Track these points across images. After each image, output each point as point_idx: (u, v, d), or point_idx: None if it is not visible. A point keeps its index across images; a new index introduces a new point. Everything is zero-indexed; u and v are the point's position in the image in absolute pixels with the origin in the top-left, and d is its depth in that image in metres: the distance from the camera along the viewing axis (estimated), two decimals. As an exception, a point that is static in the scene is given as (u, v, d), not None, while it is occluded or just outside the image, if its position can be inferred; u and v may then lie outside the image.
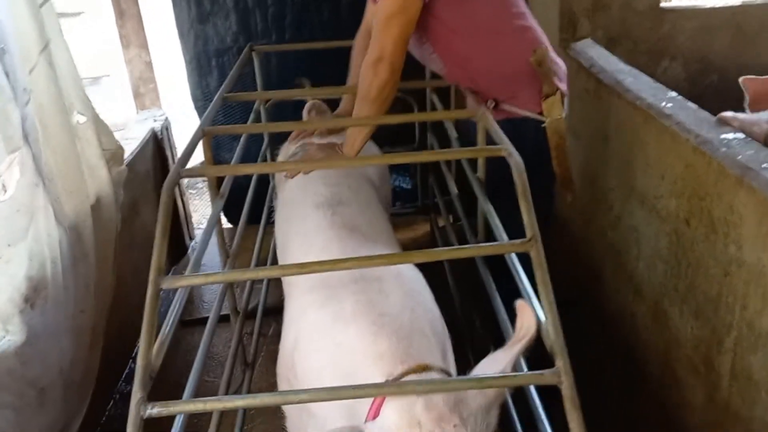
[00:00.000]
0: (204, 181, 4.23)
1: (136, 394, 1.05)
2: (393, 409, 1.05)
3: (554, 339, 1.09)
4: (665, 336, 1.87)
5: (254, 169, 1.57)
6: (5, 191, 1.70)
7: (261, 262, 2.31)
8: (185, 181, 3.52)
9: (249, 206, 2.15)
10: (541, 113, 1.77)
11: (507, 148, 1.36)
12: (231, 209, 2.28)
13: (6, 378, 1.57)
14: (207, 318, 1.66)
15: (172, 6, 2.94)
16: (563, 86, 1.81)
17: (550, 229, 1.95)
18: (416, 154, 2.28)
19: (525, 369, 1.28)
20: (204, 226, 3.45)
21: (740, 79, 2.15)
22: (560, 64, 1.86)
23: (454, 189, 2.14)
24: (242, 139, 2.07)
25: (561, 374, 1.05)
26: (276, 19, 2.98)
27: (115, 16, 2.87)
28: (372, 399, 1.09)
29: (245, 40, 2.96)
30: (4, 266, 1.61)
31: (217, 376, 2.40)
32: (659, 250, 1.87)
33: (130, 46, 2.92)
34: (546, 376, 1.05)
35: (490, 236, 1.74)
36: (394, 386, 1.08)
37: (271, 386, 2.04)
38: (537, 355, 1.13)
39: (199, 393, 1.24)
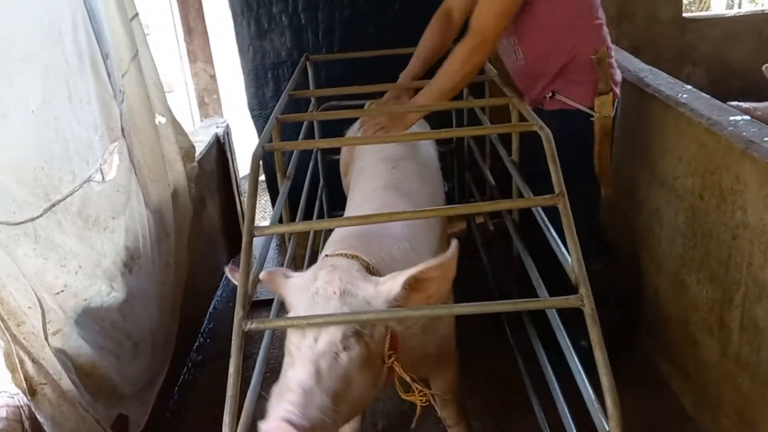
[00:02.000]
0: (261, 184, 4.54)
1: (238, 313, 1.31)
2: (312, 268, 1.39)
3: (578, 272, 1.32)
4: (684, 303, 2.06)
5: (324, 144, 1.82)
6: (106, 175, 2.00)
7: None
8: (244, 184, 3.81)
9: (304, 204, 2.40)
10: (592, 108, 1.95)
11: (537, 122, 1.60)
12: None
13: (110, 329, 1.85)
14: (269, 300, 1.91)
15: (233, 24, 3.26)
16: (617, 90, 2.01)
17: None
18: (455, 130, 2.51)
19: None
20: (259, 224, 3.76)
21: (764, 67, 2.34)
22: (618, 71, 2.06)
23: (490, 179, 2.37)
24: (303, 129, 2.34)
25: (584, 298, 1.27)
26: (326, 34, 3.29)
27: (183, 33, 3.20)
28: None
29: (298, 54, 3.26)
30: (110, 235, 1.89)
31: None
32: (678, 226, 2.07)
33: (196, 61, 3.25)
34: (571, 299, 1.28)
35: (523, 214, 1.99)
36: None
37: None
38: None
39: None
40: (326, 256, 1.45)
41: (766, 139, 1.64)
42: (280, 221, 1.89)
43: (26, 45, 1.57)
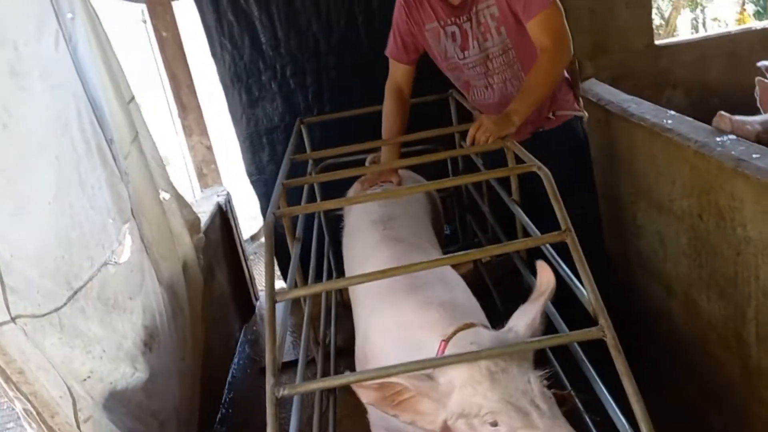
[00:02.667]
0: (262, 242, 4.57)
1: (269, 380, 1.33)
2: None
3: (595, 304, 1.35)
4: (699, 322, 2.09)
5: (332, 204, 1.87)
6: (120, 256, 2.04)
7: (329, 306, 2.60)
8: (248, 248, 3.85)
9: (314, 263, 2.44)
10: (580, 110, 2.33)
11: (535, 163, 1.67)
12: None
13: (137, 410, 1.86)
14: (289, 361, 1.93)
15: (225, 95, 3.36)
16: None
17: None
18: (454, 179, 2.59)
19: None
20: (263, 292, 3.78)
21: (757, 80, 2.44)
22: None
23: (492, 219, 2.43)
24: (305, 191, 2.41)
25: (604, 329, 1.31)
26: (315, 96, 3.39)
27: (177, 110, 3.30)
28: (434, 353, 1.35)
29: (291, 117, 3.35)
30: (129, 315, 1.92)
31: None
32: (681, 246, 2.12)
33: (192, 135, 3.34)
34: (593, 332, 1.31)
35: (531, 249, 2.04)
36: (456, 357, 1.29)
37: (355, 408, 2.28)
38: None
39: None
40: (446, 341, 1.39)
41: (754, 156, 1.71)
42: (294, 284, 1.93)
43: (39, 138, 1.63)
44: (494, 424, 1.22)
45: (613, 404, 1.35)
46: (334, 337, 2.57)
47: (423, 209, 2.23)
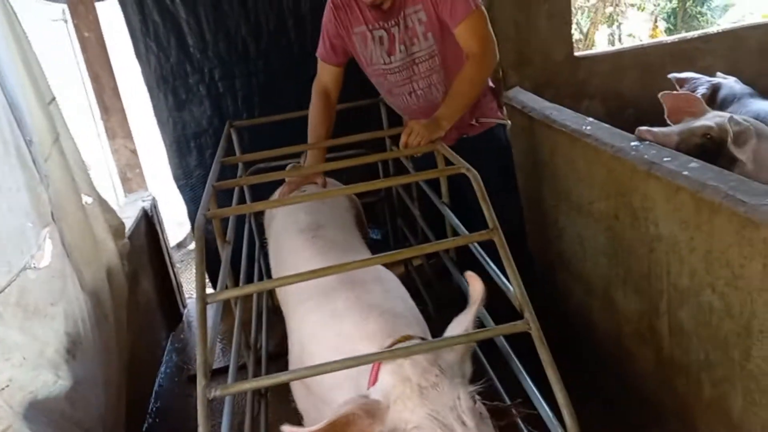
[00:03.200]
0: (192, 254, 4.48)
1: (201, 382, 1.31)
2: (387, 373, 1.33)
3: (521, 298, 1.42)
4: (616, 318, 2.21)
5: (262, 206, 1.87)
6: (40, 261, 1.96)
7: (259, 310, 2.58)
8: (174, 255, 3.77)
9: (245, 266, 2.42)
10: (503, 118, 2.42)
11: (464, 165, 1.72)
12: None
13: (60, 419, 1.78)
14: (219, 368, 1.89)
15: (150, 98, 3.28)
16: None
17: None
18: (385, 180, 2.59)
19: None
20: (194, 296, 3.71)
21: (659, 95, 2.58)
22: None
23: (422, 222, 2.48)
24: (235, 194, 2.39)
25: (530, 322, 1.37)
26: (245, 101, 3.36)
27: (100, 112, 3.19)
28: (370, 371, 1.36)
29: (219, 121, 3.32)
30: (50, 322, 1.85)
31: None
32: (599, 246, 2.24)
33: (116, 138, 3.24)
34: (518, 325, 1.37)
35: (460, 250, 2.10)
36: (387, 352, 1.35)
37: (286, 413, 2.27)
38: None
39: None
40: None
41: (665, 159, 1.82)
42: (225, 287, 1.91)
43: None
44: None
45: (538, 394, 1.40)
46: (266, 342, 2.55)
47: (349, 214, 2.24)
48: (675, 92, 2.55)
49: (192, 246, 5.05)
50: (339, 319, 1.58)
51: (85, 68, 3.17)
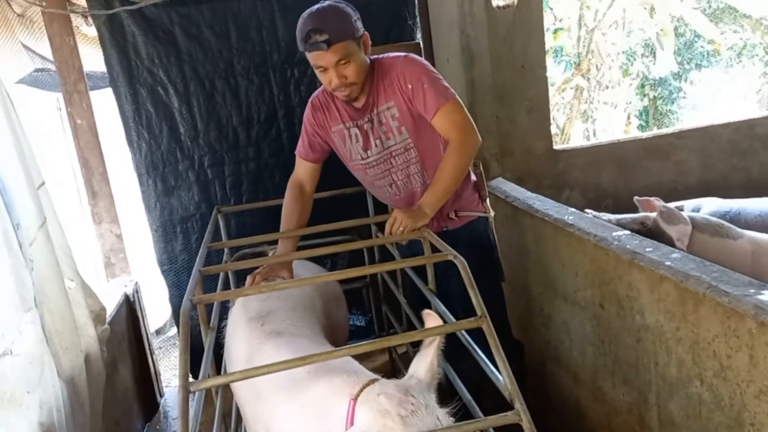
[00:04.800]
0: (170, 340, 4.38)
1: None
2: (363, 411, 1.36)
3: (511, 388, 1.41)
4: (605, 408, 2.18)
5: (251, 291, 1.86)
6: (19, 347, 1.91)
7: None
8: (154, 341, 3.68)
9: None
10: (485, 212, 2.42)
11: (451, 252, 1.75)
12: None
13: None
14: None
15: (139, 184, 3.32)
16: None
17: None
18: (371, 267, 2.60)
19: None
20: (172, 385, 3.60)
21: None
22: None
23: (407, 309, 2.47)
24: (220, 280, 2.38)
25: (521, 413, 1.35)
26: (233, 186, 3.42)
27: (87, 197, 3.21)
28: (344, 417, 1.38)
29: (207, 207, 3.36)
30: (25, 411, 1.78)
31: None
32: (586, 335, 2.24)
33: (102, 222, 3.24)
34: (509, 416, 1.35)
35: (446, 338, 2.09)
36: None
37: None
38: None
39: None
40: (354, 398, 1.43)
41: (647, 249, 1.87)
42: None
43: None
44: None
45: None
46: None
47: (308, 300, 2.18)
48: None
49: (171, 332, 4.95)
50: (303, 389, 1.57)
51: (76, 154, 3.21)
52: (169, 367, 3.90)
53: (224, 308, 2.55)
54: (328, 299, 2.32)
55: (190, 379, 1.43)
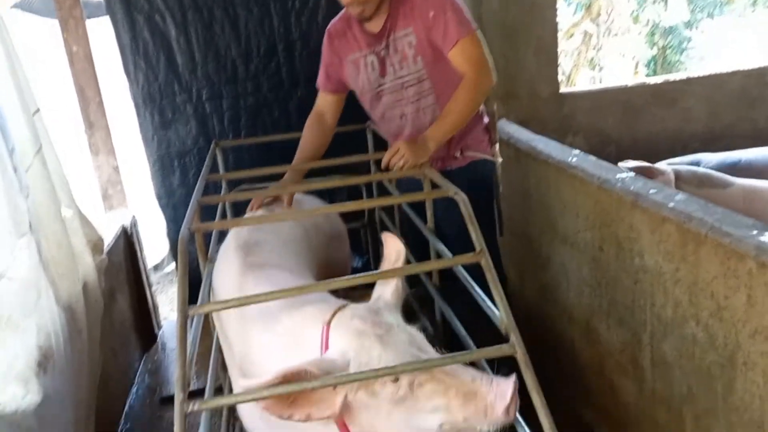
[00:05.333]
0: (168, 276, 4.41)
1: (179, 396, 1.27)
2: (338, 334, 1.38)
3: (507, 322, 1.40)
4: (598, 350, 2.20)
5: (250, 222, 1.84)
6: (15, 272, 1.90)
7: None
8: (151, 277, 3.70)
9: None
10: (494, 156, 2.31)
11: (452, 188, 1.72)
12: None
13: (26, 435, 1.72)
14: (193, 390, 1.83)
15: (136, 116, 3.26)
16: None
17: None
18: (369, 200, 2.57)
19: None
20: (170, 318, 3.63)
21: (619, 164, 2.62)
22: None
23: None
24: (218, 212, 2.36)
25: (515, 346, 1.36)
26: (232, 121, 3.36)
27: (84, 127, 3.16)
28: (319, 342, 1.40)
29: (205, 141, 3.31)
30: (21, 335, 1.79)
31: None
32: (583, 277, 2.24)
33: (98, 154, 3.21)
34: (504, 348, 1.35)
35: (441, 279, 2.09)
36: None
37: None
38: None
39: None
40: (327, 324, 1.44)
41: (651, 191, 1.84)
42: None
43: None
44: (396, 380, 1.29)
45: (521, 420, 1.38)
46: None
47: (302, 235, 2.13)
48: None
49: (169, 269, 4.97)
50: (275, 320, 1.56)
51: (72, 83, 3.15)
52: (167, 302, 3.93)
53: (222, 239, 2.55)
54: (328, 236, 2.30)
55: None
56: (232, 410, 2.21)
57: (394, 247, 1.57)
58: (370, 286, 1.60)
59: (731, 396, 1.55)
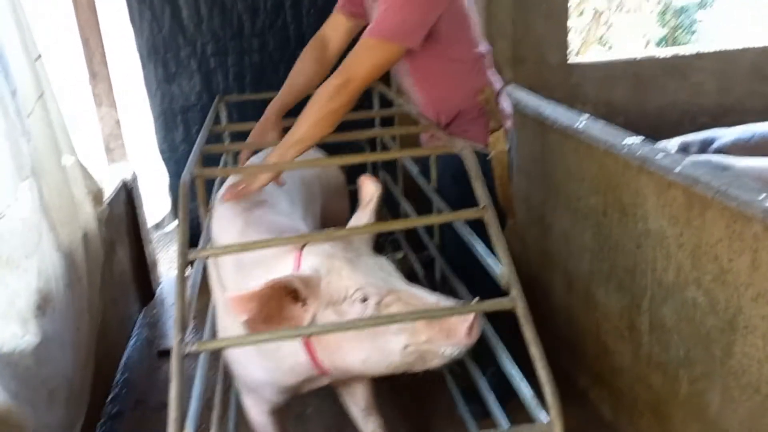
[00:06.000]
0: (168, 236, 4.41)
1: (177, 336, 1.27)
2: (311, 255, 1.43)
3: (509, 276, 1.40)
4: (596, 315, 2.20)
5: (254, 170, 1.81)
6: (17, 213, 1.89)
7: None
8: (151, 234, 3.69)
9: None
10: (487, 146, 1.95)
11: (458, 144, 1.70)
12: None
13: (25, 374, 1.72)
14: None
15: (141, 68, 3.22)
16: (508, 122, 2.01)
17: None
18: (374, 154, 2.52)
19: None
20: (170, 275, 3.63)
21: None
22: (508, 103, 2.06)
23: (408, 208, 2.45)
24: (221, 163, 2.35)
25: (516, 300, 1.35)
26: (236, 78, 3.32)
27: (89, 78, 3.13)
28: (291, 265, 1.45)
29: (208, 97, 3.27)
30: (23, 274, 1.79)
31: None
32: (585, 243, 2.23)
33: (101, 105, 3.17)
34: (504, 302, 1.35)
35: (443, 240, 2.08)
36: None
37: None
38: None
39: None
40: (299, 249, 1.49)
41: (657, 156, 1.82)
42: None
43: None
44: (364, 299, 1.34)
45: (518, 371, 1.39)
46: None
47: (303, 183, 2.08)
48: None
49: (169, 227, 4.96)
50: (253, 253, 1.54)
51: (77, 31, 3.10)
52: (166, 262, 3.92)
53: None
54: (327, 188, 2.28)
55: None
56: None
57: (368, 189, 1.59)
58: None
59: (730, 359, 1.56)
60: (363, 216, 1.56)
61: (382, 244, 3.18)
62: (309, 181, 2.14)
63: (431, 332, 1.32)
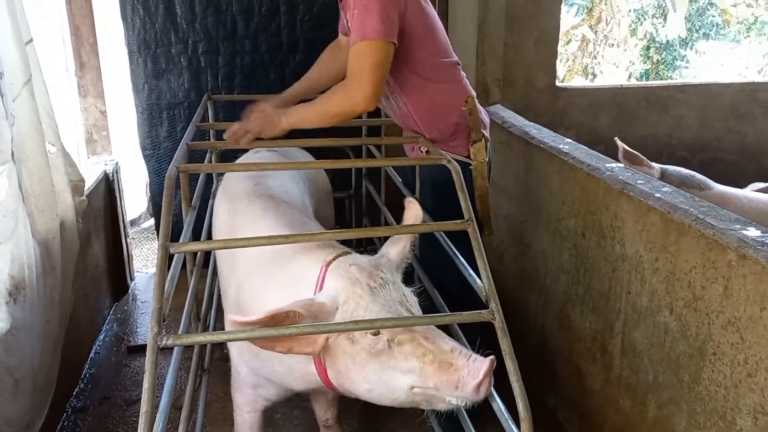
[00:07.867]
0: (144, 233, 4.36)
1: (153, 329, 1.26)
2: (334, 278, 1.41)
3: (489, 289, 1.42)
4: (569, 336, 2.23)
5: (237, 168, 1.82)
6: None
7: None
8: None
9: (205, 235, 2.36)
10: (468, 157, 2.00)
11: (445, 156, 1.72)
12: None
13: (-10, 361, 1.69)
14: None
15: (129, 62, 3.20)
16: (487, 134, 2.06)
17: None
18: (363, 160, 2.55)
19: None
20: (143, 272, 3.60)
21: (615, 138, 2.62)
22: (485, 115, 2.11)
23: (390, 218, 2.46)
24: (206, 160, 2.34)
25: (494, 312, 1.37)
26: (226, 78, 3.32)
27: (75, 67, 3.10)
28: (314, 281, 1.43)
29: (196, 95, 3.27)
30: (-5, 259, 1.76)
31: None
32: (562, 264, 2.26)
33: (87, 96, 3.15)
34: (483, 314, 1.36)
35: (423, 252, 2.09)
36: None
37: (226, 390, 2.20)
38: None
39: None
40: (326, 265, 1.47)
41: (639, 181, 1.86)
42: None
43: None
44: (375, 333, 1.32)
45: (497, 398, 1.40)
46: (214, 317, 2.49)
47: (301, 181, 2.13)
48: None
49: (146, 224, 4.91)
50: (277, 250, 1.57)
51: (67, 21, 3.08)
52: (141, 257, 3.88)
53: (206, 190, 2.52)
54: (319, 190, 2.30)
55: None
56: (200, 362, 2.20)
57: (413, 212, 1.59)
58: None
59: (697, 386, 1.58)
60: (400, 240, 1.55)
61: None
62: (310, 180, 2.17)
63: (440, 380, 1.31)
